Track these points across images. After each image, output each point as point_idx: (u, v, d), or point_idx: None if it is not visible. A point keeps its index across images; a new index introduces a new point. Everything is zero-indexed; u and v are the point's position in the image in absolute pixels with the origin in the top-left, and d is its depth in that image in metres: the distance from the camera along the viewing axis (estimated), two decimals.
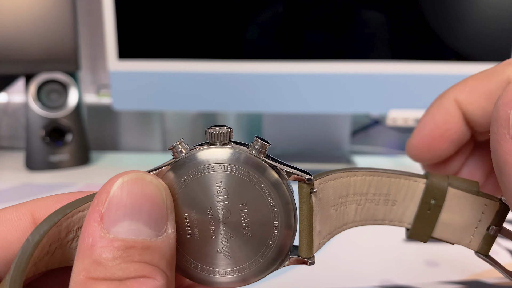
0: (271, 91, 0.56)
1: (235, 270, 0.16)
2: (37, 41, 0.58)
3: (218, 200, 0.15)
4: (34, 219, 0.15)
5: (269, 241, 0.15)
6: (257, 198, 0.15)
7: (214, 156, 0.15)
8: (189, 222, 0.15)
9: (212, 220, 0.15)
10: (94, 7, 0.73)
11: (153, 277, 0.13)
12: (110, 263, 0.13)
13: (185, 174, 0.15)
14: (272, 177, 0.15)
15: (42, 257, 0.14)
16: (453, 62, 0.54)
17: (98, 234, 0.13)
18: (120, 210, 0.13)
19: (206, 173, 0.15)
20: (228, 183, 0.15)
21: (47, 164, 0.60)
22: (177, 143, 0.15)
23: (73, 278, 0.13)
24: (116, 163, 0.65)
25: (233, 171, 0.15)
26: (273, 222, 0.15)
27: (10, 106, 0.78)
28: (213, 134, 0.15)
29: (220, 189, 0.15)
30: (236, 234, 0.15)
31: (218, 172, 0.15)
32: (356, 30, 0.54)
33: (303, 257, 0.16)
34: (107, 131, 0.80)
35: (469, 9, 0.52)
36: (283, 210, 0.15)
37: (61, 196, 0.16)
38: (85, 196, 0.15)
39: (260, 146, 0.15)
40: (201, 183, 0.15)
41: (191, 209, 0.15)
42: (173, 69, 0.56)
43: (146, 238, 0.13)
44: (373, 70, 0.54)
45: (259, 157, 0.15)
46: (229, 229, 0.15)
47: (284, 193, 0.15)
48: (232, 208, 0.15)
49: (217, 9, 0.54)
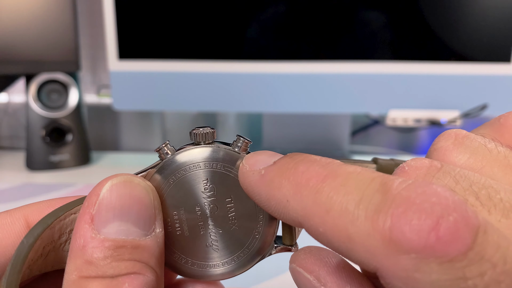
0: (271, 91, 0.56)
1: (224, 262, 0.17)
2: (38, 41, 0.58)
3: (205, 196, 0.16)
4: (27, 223, 0.16)
5: (255, 232, 0.16)
6: (242, 193, 0.16)
7: (198, 155, 0.16)
8: (178, 219, 0.16)
9: (200, 216, 0.16)
10: (94, 7, 0.73)
11: (143, 273, 0.13)
12: (102, 262, 0.13)
13: (172, 174, 0.16)
14: None
15: (36, 259, 0.15)
16: (453, 62, 0.54)
17: (89, 235, 0.13)
18: (110, 211, 0.14)
19: (192, 172, 0.16)
20: (213, 179, 0.16)
21: (48, 164, 0.60)
22: (163, 145, 0.16)
23: (66, 278, 0.13)
24: (116, 163, 0.66)
25: (218, 168, 0.16)
26: (257, 214, 0.16)
27: (10, 106, 0.78)
28: (197, 135, 0.16)
29: (207, 186, 0.16)
30: (224, 227, 0.16)
31: (204, 170, 0.16)
32: (356, 30, 0.54)
33: (287, 245, 0.17)
34: (107, 131, 0.80)
35: (469, 9, 0.52)
36: None
37: (54, 201, 0.16)
38: (77, 199, 0.15)
39: (242, 144, 0.16)
40: (188, 182, 0.16)
41: (180, 207, 0.16)
42: (173, 69, 0.56)
43: (135, 238, 0.14)
44: (373, 70, 0.54)
45: (242, 153, 0.16)
46: (217, 223, 0.16)
47: None
48: (219, 203, 0.16)
49: (217, 9, 0.54)
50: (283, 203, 0.13)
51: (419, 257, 0.10)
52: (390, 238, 0.11)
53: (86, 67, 0.76)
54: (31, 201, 0.48)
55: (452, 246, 0.10)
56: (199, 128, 0.16)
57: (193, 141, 0.16)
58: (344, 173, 0.12)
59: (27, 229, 0.15)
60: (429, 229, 0.10)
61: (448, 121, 0.53)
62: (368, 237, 0.11)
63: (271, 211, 0.14)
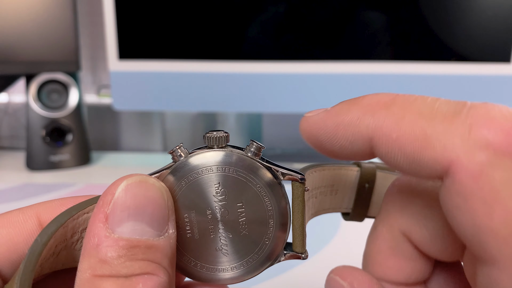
0: (271, 91, 0.56)
1: (233, 267, 0.17)
2: (38, 41, 0.58)
3: (217, 200, 0.16)
4: (40, 221, 0.16)
5: (265, 238, 0.16)
6: (253, 198, 0.16)
7: (211, 158, 0.16)
8: (189, 222, 0.16)
9: (211, 219, 0.16)
10: (94, 7, 0.73)
11: (156, 274, 0.13)
12: (116, 261, 0.13)
13: (184, 177, 0.16)
14: (267, 177, 0.16)
15: (48, 257, 0.15)
16: (453, 62, 0.54)
17: (104, 233, 0.13)
18: (125, 211, 0.14)
19: (204, 175, 0.16)
20: (225, 183, 0.16)
21: (48, 164, 0.60)
22: (177, 148, 0.16)
23: (79, 276, 0.13)
24: (116, 163, 0.66)
25: (230, 172, 0.16)
26: (268, 220, 0.16)
27: (10, 106, 0.78)
28: (210, 138, 0.16)
29: (219, 189, 0.16)
30: (234, 232, 0.16)
31: (216, 173, 0.16)
32: (357, 30, 0.54)
33: (298, 252, 0.17)
34: (108, 131, 0.80)
35: (469, 9, 0.52)
36: (278, 208, 0.16)
37: (66, 200, 0.16)
38: (90, 199, 0.15)
39: (255, 149, 0.16)
40: (200, 185, 0.16)
41: (191, 210, 0.16)
42: (173, 69, 0.56)
43: (149, 238, 0.14)
44: (373, 70, 0.54)
45: (254, 158, 0.16)
46: (227, 227, 0.16)
47: (278, 192, 0.16)
48: (230, 207, 0.16)
49: (217, 9, 0.54)
50: (353, 123, 0.13)
51: (496, 153, 0.11)
52: (470, 133, 0.11)
53: (86, 67, 0.76)
54: (31, 201, 0.48)
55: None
56: (213, 131, 0.16)
57: (207, 144, 0.16)
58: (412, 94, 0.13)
59: (39, 227, 0.15)
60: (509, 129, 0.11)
61: None
62: (446, 133, 0.12)
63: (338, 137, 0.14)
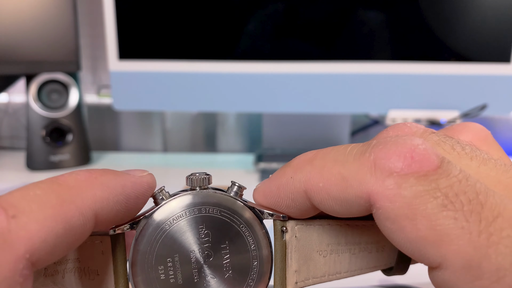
0: (271, 91, 0.56)
1: None
2: (38, 41, 0.58)
3: (200, 242, 0.16)
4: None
5: (249, 279, 0.16)
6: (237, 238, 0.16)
7: (193, 200, 0.16)
8: (172, 266, 0.16)
9: (195, 262, 0.16)
10: (94, 7, 0.73)
11: None
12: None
13: (167, 220, 0.16)
14: (249, 217, 0.16)
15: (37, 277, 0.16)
16: (453, 62, 0.54)
17: None
18: None
19: (188, 217, 0.16)
20: (210, 225, 0.16)
21: (48, 164, 0.60)
22: (158, 191, 0.16)
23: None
24: (116, 163, 0.66)
25: (214, 213, 0.16)
26: (252, 261, 0.16)
27: (10, 106, 0.79)
28: (193, 180, 0.16)
29: (203, 231, 0.16)
30: (218, 275, 0.16)
31: (199, 215, 0.16)
32: (356, 30, 0.54)
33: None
34: (108, 131, 0.80)
35: (469, 9, 0.52)
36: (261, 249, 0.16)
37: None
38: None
39: (237, 189, 0.16)
40: (184, 227, 0.16)
41: (175, 253, 0.16)
42: (173, 69, 0.56)
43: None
44: (372, 70, 0.54)
45: (236, 198, 0.16)
46: (211, 270, 0.16)
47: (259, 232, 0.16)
48: (214, 249, 0.16)
49: (217, 9, 0.54)
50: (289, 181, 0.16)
51: (400, 175, 0.13)
52: (375, 166, 0.14)
53: (86, 67, 0.76)
54: None
55: (424, 164, 0.13)
56: (196, 173, 0.16)
57: (189, 186, 0.16)
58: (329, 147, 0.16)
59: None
60: (405, 154, 0.13)
61: (448, 121, 0.53)
62: (358, 172, 0.14)
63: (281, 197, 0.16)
